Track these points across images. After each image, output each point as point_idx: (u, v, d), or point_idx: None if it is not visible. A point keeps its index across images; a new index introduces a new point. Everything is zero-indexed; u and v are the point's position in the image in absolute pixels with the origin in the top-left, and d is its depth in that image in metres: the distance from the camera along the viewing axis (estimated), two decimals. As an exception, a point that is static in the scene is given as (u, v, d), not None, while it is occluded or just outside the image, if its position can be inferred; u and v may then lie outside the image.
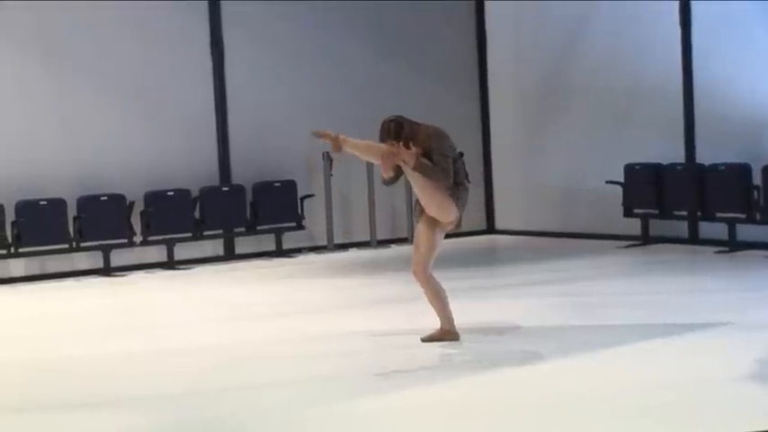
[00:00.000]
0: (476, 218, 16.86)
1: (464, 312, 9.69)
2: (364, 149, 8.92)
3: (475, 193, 16.71)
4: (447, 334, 8.78)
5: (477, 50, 16.99)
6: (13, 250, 13.67)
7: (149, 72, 14.74)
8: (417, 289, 9.44)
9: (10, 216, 13.63)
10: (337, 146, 8.86)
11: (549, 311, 10.20)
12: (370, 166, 15.67)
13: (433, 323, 8.94)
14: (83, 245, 14.06)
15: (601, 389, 7.35)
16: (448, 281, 12.31)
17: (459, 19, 16.91)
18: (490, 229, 17.00)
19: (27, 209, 13.67)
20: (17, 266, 13.91)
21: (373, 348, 8.83)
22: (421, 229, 8.85)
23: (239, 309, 11.28)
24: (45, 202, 13.79)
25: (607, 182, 14.78)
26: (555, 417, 6.75)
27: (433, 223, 8.77)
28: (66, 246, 13.98)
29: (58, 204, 13.87)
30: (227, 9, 15.13)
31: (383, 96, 16.18)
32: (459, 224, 8.97)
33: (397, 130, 8.66)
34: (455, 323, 8.81)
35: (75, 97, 14.29)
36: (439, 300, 8.83)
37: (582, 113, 15.69)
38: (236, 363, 8.56)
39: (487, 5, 16.94)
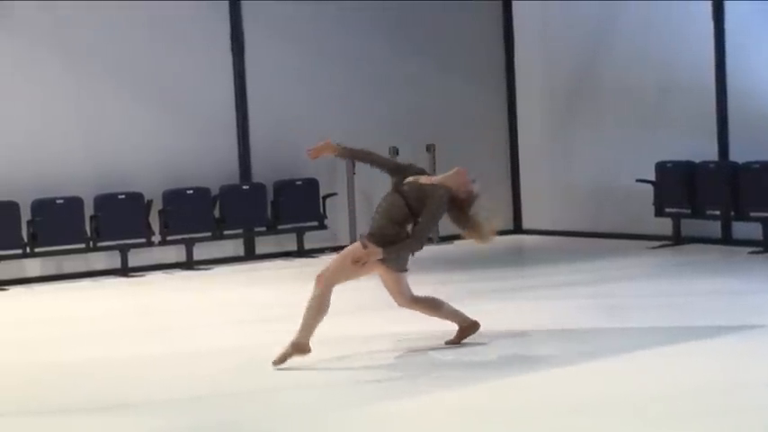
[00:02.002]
0: (502, 217, 16.85)
1: (490, 314, 9.71)
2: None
3: (501, 192, 16.89)
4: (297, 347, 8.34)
5: (504, 48, 16.97)
6: (28, 250, 13.72)
7: (169, 70, 14.78)
8: (442, 290, 9.45)
9: (26, 215, 13.67)
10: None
11: (578, 314, 10.18)
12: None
13: (452, 328, 8.93)
14: (100, 244, 14.11)
15: (630, 394, 7.32)
16: (474, 282, 12.42)
17: (485, 16, 16.88)
18: (517, 228, 16.97)
19: (43, 208, 13.72)
20: (33, 266, 13.97)
21: (394, 350, 8.82)
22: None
23: (258, 310, 11.30)
24: (61, 201, 13.84)
25: (638, 180, 14.73)
26: (583, 422, 6.73)
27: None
28: (83, 245, 14.02)
29: (74, 203, 13.91)
30: (247, 7, 15.16)
31: (407, 95, 16.21)
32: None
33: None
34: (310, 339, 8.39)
35: (93, 95, 14.34)
36: (315, 313, 8.38)
37: (612, 111, 15.65)
38: (256, 365, 8.56)
39: (515, 2, 16.91)
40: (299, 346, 8.25)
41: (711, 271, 12.54)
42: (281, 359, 8.24)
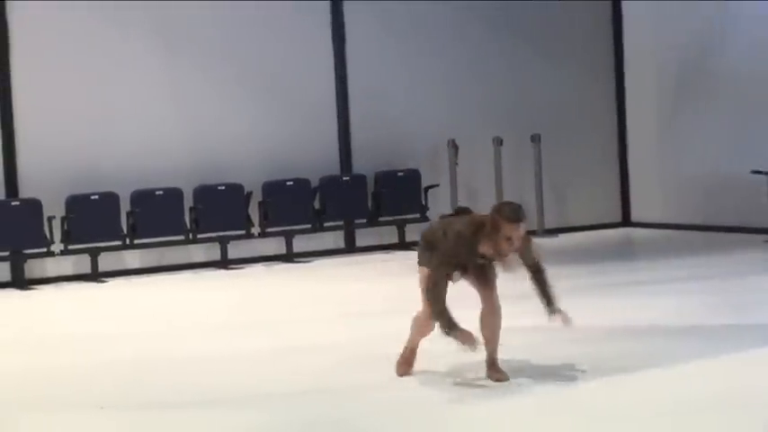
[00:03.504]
0: (610, 209, 16.73)
1: (599, 310, 9.61)
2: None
3: (610, 182, 16.75)
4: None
5: (612, 37, 16.79)
6: (128, 241, 13.90)
7: (270, 60, 14.87)
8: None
9: (125, 206, 13.84)
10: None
11: (690, 310, 10.05)
12: (497, 155, 15.62)
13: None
14: (199, 236, 14.24)
15: (742, 398, 7.15)
16: (582, 277, 12.30)
17: (596, 5, 16.71)
18: (625, 221, 16.80)
19: (142, 199, 13.88)
20: (132, 258, 14.14)
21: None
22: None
23: (359, 304, 11.31)
24: (161, 192, 13.98)
25: (752, 171, 14.50)
26: (695, 425, 6.62)
27: None
28: (183, 237, 14.17)
29: (174, 194, 14.05)
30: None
31: (512, 84, 16.13)
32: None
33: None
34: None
35: (193, 86, 14.48)
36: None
37: (726, 100, 15.42)
38: (358, 361, 8.57)
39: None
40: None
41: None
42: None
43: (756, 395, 7.17)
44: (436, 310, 7.44)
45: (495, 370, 7.71)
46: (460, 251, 7.49)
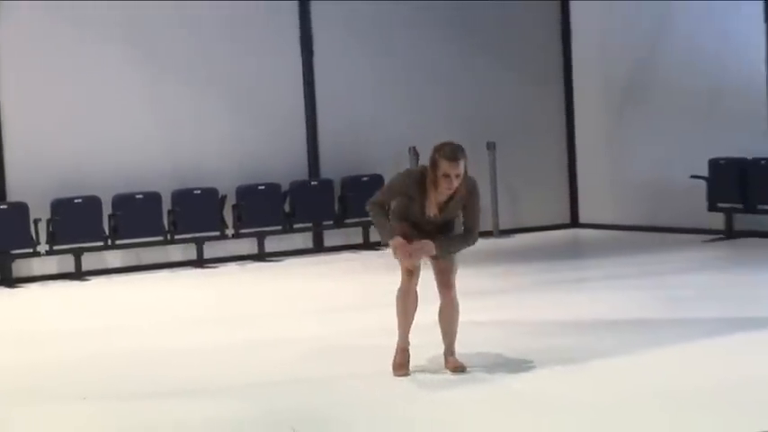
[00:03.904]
0: (560, 211, 16.80)
1: (549, 305, 9.65)
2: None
3: (559, 186, 16.82)
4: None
5: (561, 45, 16.87)
6: (110, 242, 13.86)
7: (242, 72, 14.86)
8: (502, 282, 9.41)
9: (107, 209, 13.81)
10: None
11: (634, 306, 10.10)
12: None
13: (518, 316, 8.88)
14: (177, 237, 14.22)
15: (687, 386, 7.23)
16: (531, 275, 12.35)
17: (544, 14, 16.79)
18: (574, 222, 16.88)
19: (123, 202, 13.85)
20: (114, 258, 14.11)
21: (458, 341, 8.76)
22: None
23: (327, 300, 11.32)
24: (141, 196, 13.96)
25: (691, 176, 14.60)
26: (634, 413, 6.67)
27: None
28: (161, 238, 14.14)
29: (153, 198, 14.03)
30: (316, 10, 15.18)
31: (469, 91, 16.17)
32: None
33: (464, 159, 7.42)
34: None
35: (170, 97, 14.45)
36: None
37: (666, 109, 15.52)
38: (329, 353, 8.59)
39: (573, 3, 16.80)
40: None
41: (763, 264, 12.37)
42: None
43: (694, 384, 7.24)
44: (377, 225, 7.55)
45: (452, 361, 7.75)
46: (408, 184, 7.48)
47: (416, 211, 7.53)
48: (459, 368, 7.69)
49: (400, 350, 7.75)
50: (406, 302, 7.64)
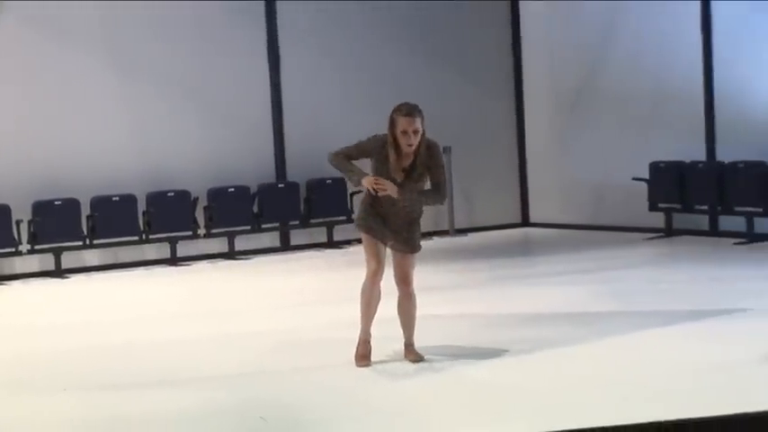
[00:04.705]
0: (511, 211, 16.86)
1: (504, 299, 9.69)
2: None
3: (511, 187, 16.88)
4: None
5: (512, 55, 16.93)
6: (88, 242, 13.79)
7: (212, 81, 14.78)
8: (458, 278, 9.41)
9: (85, 211, 13.74)
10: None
11: (581, 299, 10.16)
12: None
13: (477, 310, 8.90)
14: (151, 237, 14.16)
15: (626, 373, 7.30)
16: (486, 271, 12.39)
17: (494, 21, 16.82)
18: (525, 221, 16.95)
19: (101, 204, 13.78)
20: (92, 257, 14.03)
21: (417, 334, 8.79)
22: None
23: (294, 296, 11.31)
24: (117, 198, 13.89)
25: (633, 178, 14.69)
26: (582, 399, 6.72)
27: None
28: (137, 238, 14.08)
29: (128, 200, 13.97)
30: (282, 22, 15.13)
31: (427, 98, 16.04)
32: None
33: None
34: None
35: (144, 104, 14.38)
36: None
37: (610, 115, 15.61)
38: (295, 345, 8.59)
39: (522, 6, 16.83)
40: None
41: (700, 260, 12.50)
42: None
43: (638, 371, 7.31)
44: (344, 170, 7.67)
45: (411, 351, 7.77)
46: (373, 147, 7.57)
47: (384, 176, 7.48)
48: (418, 358, 7.72)
49: (362, 342, 7.76)
50: (370, 297, 7.65)
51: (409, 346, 7.79)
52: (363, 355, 7.73)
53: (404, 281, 7.68)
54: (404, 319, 7.75)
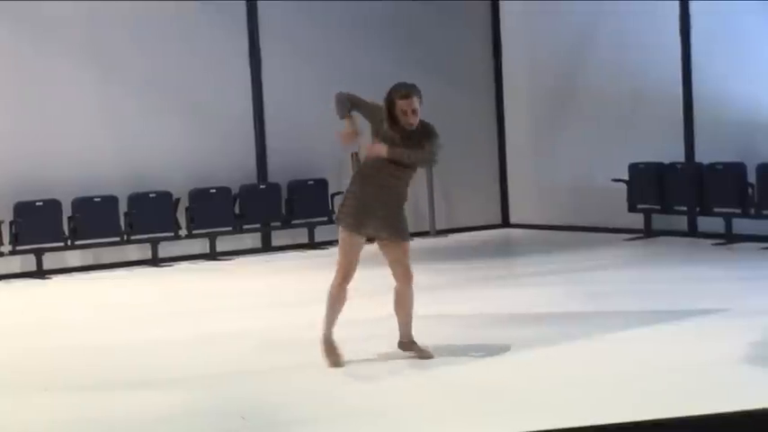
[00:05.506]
0: (492, 212, 16.87)
1: (482, 299, 9.69)
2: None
3: (491, 188, 16.89)
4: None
5: (493, 57, 16.93)
6: (69, 243, 13.73)
7: (193, 82, 14.73)
8: (438, 278, 9.40)
9: (67, 212, 13.67)
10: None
11: (561, 299, 10.17)
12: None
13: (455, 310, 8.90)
14: (133, 238, 14.11)
15: (606, 373, 7.30)
16: (466, 271, 12.40)
17: (475, 21, 16.82)
18: (505, 222, 16.96)
19: (82, 205, 13.73)
20: (73, 257, 13.97)
21: (394, 332, 8.74)
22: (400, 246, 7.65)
23: (275, 296, 11.29)
24: (99, 199, 13.84)
25: (613, 179, 14.72)
26: (560, 401, 6.71)
27: None
28: (118, 239, 14.03)
29: (110, 201, 13.92)
30: (264, 24, 15.10)
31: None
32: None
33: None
34: None
35: (126, 105, 14.33)
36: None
37: (590, 116, 15.62)
38: (276, 345, 8.57)
39: (502, 6, 16.83)
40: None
41: (679, 261, 12.53)
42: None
43: (615, 370, 7.31)
44: (337, 102, 8.04)
45: (416, 348, 7.70)
46: (380, 110, 7.91)
47: (380, 122, 7.79)
48: (429, 355, 7.64)
49: (326, 341, 7.68)
50: (335, 300, 7.64)
51: (414, 344, 7.74)
52: (329, 352, 7.61)
53: (405, 275, 7.62)
54: (403, 316, 7.72)
